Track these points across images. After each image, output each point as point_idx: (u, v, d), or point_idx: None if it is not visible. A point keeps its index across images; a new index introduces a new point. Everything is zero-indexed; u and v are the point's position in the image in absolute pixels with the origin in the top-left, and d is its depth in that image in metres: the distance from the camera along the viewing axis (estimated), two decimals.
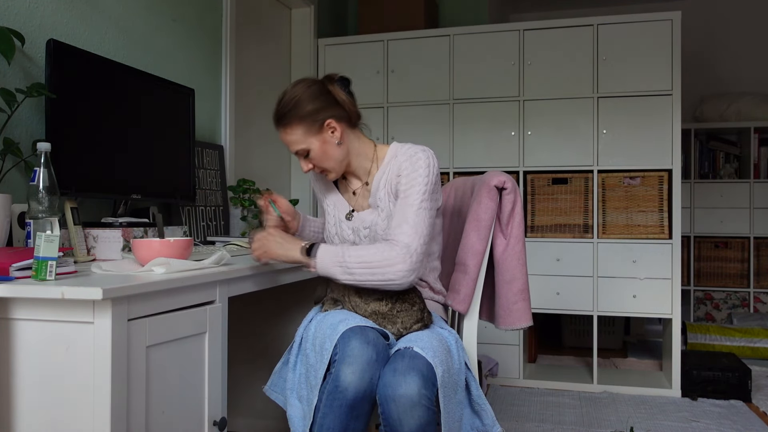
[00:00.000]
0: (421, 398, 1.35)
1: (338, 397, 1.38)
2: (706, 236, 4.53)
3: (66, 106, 1.69)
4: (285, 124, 1.64)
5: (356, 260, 1.48)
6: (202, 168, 2.54)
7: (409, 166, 1.58)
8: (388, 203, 1.64)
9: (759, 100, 4.43)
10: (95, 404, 1.15)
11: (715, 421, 2.81)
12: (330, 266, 1.51)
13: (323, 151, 1.64)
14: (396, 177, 1.61)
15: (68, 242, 1.67)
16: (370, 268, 1.48)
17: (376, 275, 1.48)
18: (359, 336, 1.41)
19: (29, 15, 1.80)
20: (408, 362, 1.39)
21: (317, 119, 1.62)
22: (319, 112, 1.62)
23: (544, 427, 2.73)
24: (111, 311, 1.15)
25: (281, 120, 1.65)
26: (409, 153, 1.61)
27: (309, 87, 1.64)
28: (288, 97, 1.63)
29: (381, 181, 1.66)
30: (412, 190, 1.55)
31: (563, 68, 3.29)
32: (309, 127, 1.62)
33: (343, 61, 3.62)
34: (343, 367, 1.39)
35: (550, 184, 3.35)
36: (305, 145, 1.64)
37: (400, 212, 1.54)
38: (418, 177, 1.56)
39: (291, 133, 1.64)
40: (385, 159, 1.69)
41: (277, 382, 1.69)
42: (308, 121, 1.62)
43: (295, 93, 1.63)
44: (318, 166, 1.68)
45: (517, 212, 1.77)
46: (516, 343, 3.32)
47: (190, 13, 2.57)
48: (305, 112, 1.61)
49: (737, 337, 3.87)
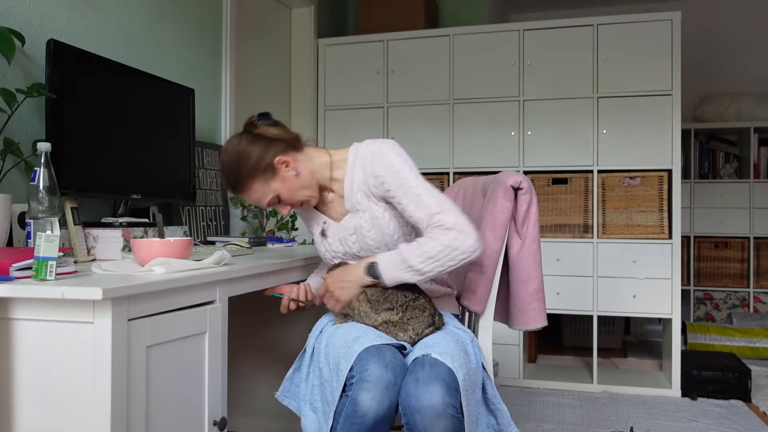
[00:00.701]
0: (446, 407, 1.35)
1: (357, 422, 1.37)
2: (706, 236, 4.53)
3: (66, 106, 1.69)
4: (242, 188, 1.63)
5: (420, 260, 1.49)
6: (202, 168, 2.54)
7: (380, 162, 1.57)
8: (369, 203, 1.63)
9: (759, 100, 4.43)
10: (95, 404, 1.15)
11: (715, 421, 2.81)
12: (399, 275, 1.52)
13: (289, 189, 1.63)
14: (372, 178, 1.59)
15: (68, 242, 1.67)
16: (437, 259, 1.49)
17: (449, 262, 1.50)
18: (376, 358, 1.40)
19: (29, 15, 1.80)
20: (429, 371, 1.38)
21: (265, 165, 1.60)
22: (263, 158, 1.60)
23: (544, 427, 2.73)
24: (111, 311, 1.15)
25: (236, 187, 1.63)
26: (371, 149, 1.61)
27: (239, 144, 1.62)
28: (228, 163, 1.62)
29: (353, 183, 1.64)
30: (403, 179, 1.55)
31: (563, 68, 3.29)
32: (263, 177, 1.60)
33: (343, 61, 3.62)
34: (362, 393, 1.37)
35: (550, 184, 3.35)
36: (272, 193, 1.62)
37: (414, 203, 1.53)
38: (397, 165, 1.56)
39: (252, 191, 1.62)
40: (348, 161, 1.66)
41: (289, 388, 1.68)
42: (259, 172, 1.60)
43: (231, 156, 1.61)
44: (294, 203, 1.67)
45: (533, 212, 1.77)
46: (516, 343, 3.32)
47: (190, 13, 2.57)
48: (251, 166, 1.60)
49: (737, 337, 3.87)
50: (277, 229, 2.79)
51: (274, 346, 2.40)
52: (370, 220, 1.62)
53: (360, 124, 3.57)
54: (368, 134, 3.53)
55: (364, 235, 1.64)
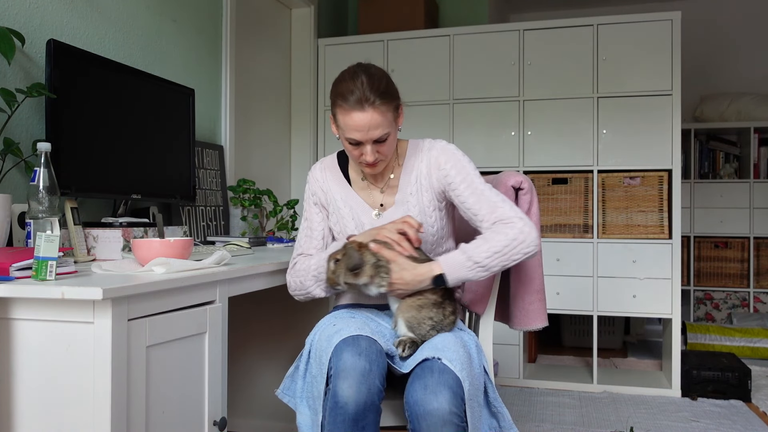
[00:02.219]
0: (452, 416, 1.35)
1: (340, 413, 1.37)
2: (706, 236, 4.53)
3: (66, 106, 1.69)
4: (382, 103, 1.53)
5: (486, 255, 1.50)
6: (202, 168, 2.54)
7: (446, 157, 1.62)
8: (421, 197, 1.65)
9: (759, 100, 4.42)
10: (95, 404, 1.15)
11: (715, 421, 2.81)
12: (464, 274, 1.52)
13: (393, 139, 1.61)
14: (437, 170, 1.62)
15: (68, 242, 1.67)
16: (503, 253, 1.51)
17: (514, 256, 1.52)
18: (351, 347, 1.40)
19: (29, 15, 1.80)
20: (438, 378, 1.38)
21: (398, 103, 1.60)
22: (398, 96, 1.60)
23: (544, 427, 2.73)
24: (111, 311, 1.15)
25: (377, 99, 1.52)
26: (437, 147, 1.65)
27: (384, 71, 1.59)
28: (380, 74, 1.56)
29: (411, 176, 1.66)
30: (467, 174, 1.59)
31: (563, 68, 3.29)
32: (392, 108, 1.57)
33: (343, 61, 3.58)
34: (339, 382, 1.38)
35: (550, 184, 3.35)
36: (389, 128, 1.57)
37: (476, 197, 1.57)
38: (463, 161, 1.61)
39: (384, 113, 1.54)
40: (407, 154, 1.69)
41: (289, 386, 1.68)
42: (396, 104, 1.59)
43: (381, 73, 1.57)
44: (387, 156, 1.62)
45: (534, 212, 1.77)
46: (516, 343, 3.32)
47: (190, 13, 2.57)
48: (396, 93, 1.58)
49: (737, 337, 3.87)
50: (277, 229, 2.79)
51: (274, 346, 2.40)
52: (419, 216, 1.64)
53: None
54: None
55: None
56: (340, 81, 1.59)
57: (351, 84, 1.54)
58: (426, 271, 1.52)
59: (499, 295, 1.81)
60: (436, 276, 1.52)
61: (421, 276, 1.52)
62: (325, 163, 1.79)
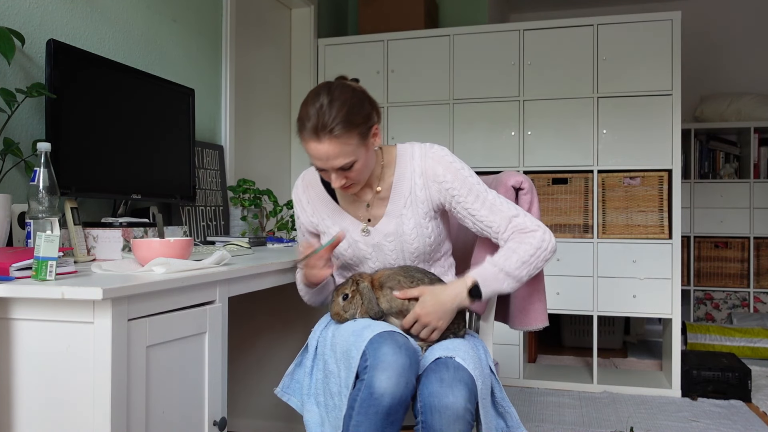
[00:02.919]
0: (466, 413, 1.35)
1: (374, 404, 1.33)
2: (706, 236, 4.53)
3: (66, 106, 1.69)
4: (338, 134, 1.41)
5: (516, 266, 1.52)
6: (202, 168, 2.54)
7: (443, 168, 1.56)
8: (417, 210, 1.58)
9: (759, 100, 4.43)
10: (95, 404, 1.15)
11: (715, 421, 2.81)
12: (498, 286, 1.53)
13: (366, 162, 1.49)
14: (436, 184, 1.56)
15: (68, 242, 1.67)
16: (530, 263, 1.53)
17: (539, 263, 1.55)
18: (390, 341, 1.38)
19: (29, 15, 1.80)
20: (453, 373, 1.38)
21: (369, 126, 1.47)
22: (370, 117, 1.47)
23: (544, 427, 2.73)
24: (111, 311, 1.15)
25: (335, 128, 1.41)
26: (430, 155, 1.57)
27: (354, 90, 1.47)
28: (344, 97, 1.43)
29: (404, 188, 1.58)
30: (472, 185, 1.56)
31: (563, 68, 3.29)
32: (360, 135, 1.45)
33: (343, 61, 3.62)
34: (378, 373, 1.34)
35: (550, 184, 3.35)
36: (354, 156, 1.45)
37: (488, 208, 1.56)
38: (462, 171, 1.57)
39: (344, 143, 1.43)
40: (397, 163, 1.59)
41: (290, 384, 1.66)
42: (362, 129, 1.45)
43: (344, 94, 1.44)
44: (358, 181, 1.53)
45: (534, 212, 1.76)
46: (516, 343, 3.32)
47: (190, 13, 2.57)
48: (361, 118, 1.44)
49: (737, 337, 3.87)
50: (277, 229, 2.79)
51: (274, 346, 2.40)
52: (416, 228, 1.58)
53: None
54: None
55: (405, 241, 1.59)
56: (304, 102, 1.48)
57: (310, 108, 1.44)
58: (459, 285, 1.51)
59: (499, 295, 1.81)
60: (471, 287, 1.50)
61: (455, 290, 1.51)
62: (306, 180, 1.72)
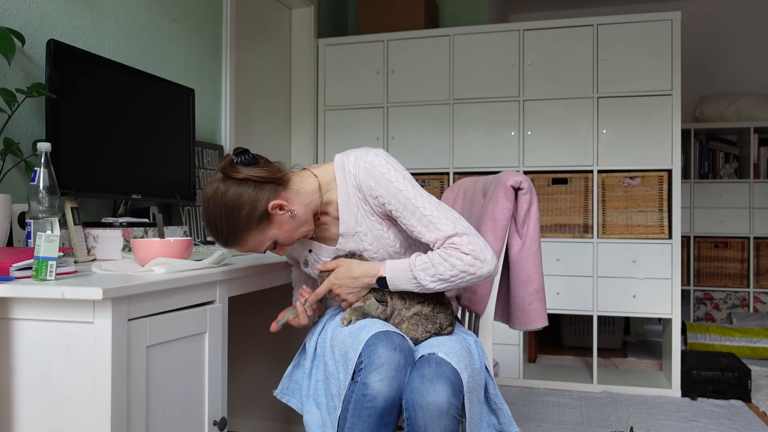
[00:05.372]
0: (450, 408, 1.34)
1: (367, 406, 1.34)
2: (706, 236, 4.53)
3: (66, 106, 1.69)
4: (235, 242, 1.46)
5: (432, 279, 1.44)
6: (202, 168, 2.54)
7: (375, 181, 1.46)
8: (371, 223, 1.54)
9: (759, 100, 4.43)
10: (95, 404, 1.15)
11: (715, 421, 2.81)
12: (404, 286, 1.48)
13: (287, 232, 1.48)
14: (372, 198, 1.49)
15: (68, 242, 1.68)
16: (448, 281, 1.44)
17: (460, 283, 1.45)
18: (385, 342, 1.38)
19: (29, 15, 1.80)
20: (435, 369, 1.37)
21: (260, 214, 1.43)
22: (255, 207, 1.42)
23: (544, 427, 2.73)
24: (111, 311, 1.15)
25: (228, 241, 1.46)
26: (362, 166, 1.48)
27: (225, 193, 1.42)
28: (216, 217, 1.43)
29: (350, 204, 1.54)
30: (407, 199, 1.45)
31: (563, 68, 3.29)
32: (258, 227, 1.44)
33: (343, 61, 3.62)
34: (371, 374, 1.35)
35: (550, 184, 3.35)
36: (269, 241, 1.48)
37: (424, 225, 1.45)
38: (395, 182, 1.45)
39: (248, 243, 1.46)
40: (338, 180, 1.54)
41: (288, 385, 1.66)
42: (254, 223, 1.43)
43: (219, 209, 1.43)
44: (292, 243, 1.54)
45: (533, 212, 1.76)
46: (516, 343, 3.32)
47: (190, 13, 2.57)
48: (244, 218, 1.42)
49: (737, 337, 3.87)
50: None
51: (273, 346, 2.40)
52: (375, 241, 1.55)
53: (360, 124, 3.57)
54: (368, 134, 3.54)
55: (370, 256, 1.57)
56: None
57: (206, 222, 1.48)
58: (373, 269, 1.48)
59: (499, 294, 1.81)
60: (380, 277, 1.48)
61: (368, 272, 1.48)
62: None
